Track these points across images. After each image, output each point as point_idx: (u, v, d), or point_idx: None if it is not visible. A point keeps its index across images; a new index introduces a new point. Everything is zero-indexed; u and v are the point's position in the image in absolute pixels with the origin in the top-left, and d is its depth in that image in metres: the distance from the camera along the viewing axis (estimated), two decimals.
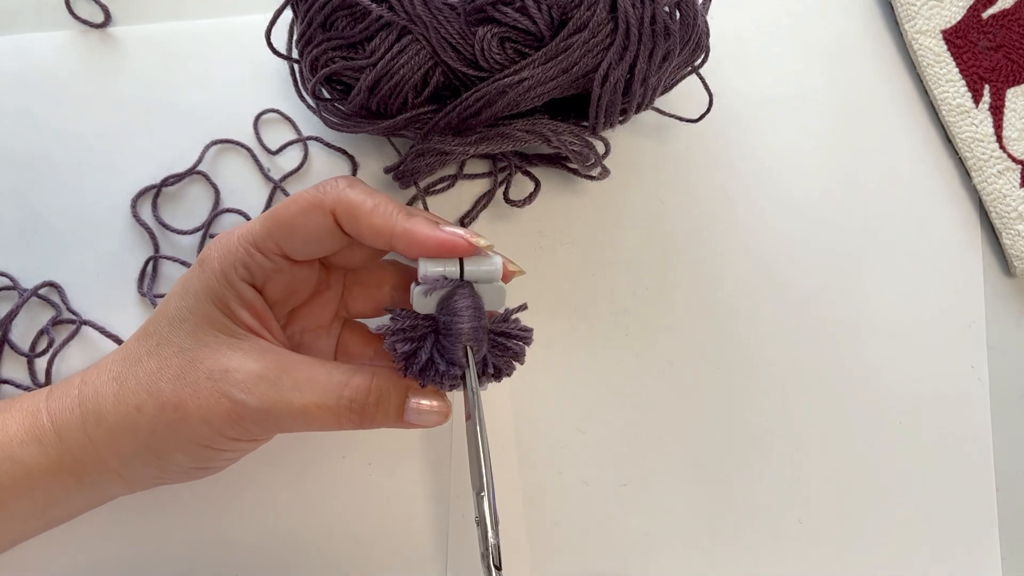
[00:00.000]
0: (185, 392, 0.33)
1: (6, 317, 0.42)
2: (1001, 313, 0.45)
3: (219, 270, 0.34)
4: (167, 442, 0.33)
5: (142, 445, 0.33)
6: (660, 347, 0.44)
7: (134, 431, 0.33)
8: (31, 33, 0.45)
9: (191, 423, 0.33)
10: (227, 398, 0.32)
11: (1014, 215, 0.45)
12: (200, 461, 0.35)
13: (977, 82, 0.46)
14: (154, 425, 0.33)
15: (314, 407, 0.33)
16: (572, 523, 0.42)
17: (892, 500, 0.44)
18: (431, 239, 0.32)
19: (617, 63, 0.38)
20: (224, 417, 0.32)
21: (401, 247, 0.33)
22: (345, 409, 0.33)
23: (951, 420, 0.44)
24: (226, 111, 0.45)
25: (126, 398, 0.33)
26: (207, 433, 0.33)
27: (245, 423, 0.33)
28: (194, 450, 0.34)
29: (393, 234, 0.33)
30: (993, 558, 0.43)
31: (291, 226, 0.33)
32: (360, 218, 0.33)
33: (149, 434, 0.33)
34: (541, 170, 0.45)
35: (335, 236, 0.34)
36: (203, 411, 0.32)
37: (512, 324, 0.35)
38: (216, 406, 0.32)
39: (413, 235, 0.32)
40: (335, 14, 0.38)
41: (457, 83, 0.38)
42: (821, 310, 0.45)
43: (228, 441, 0.34)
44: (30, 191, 0.44)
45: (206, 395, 0.32)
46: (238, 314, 0.34)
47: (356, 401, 0.33)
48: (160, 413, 0.33)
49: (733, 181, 0.46)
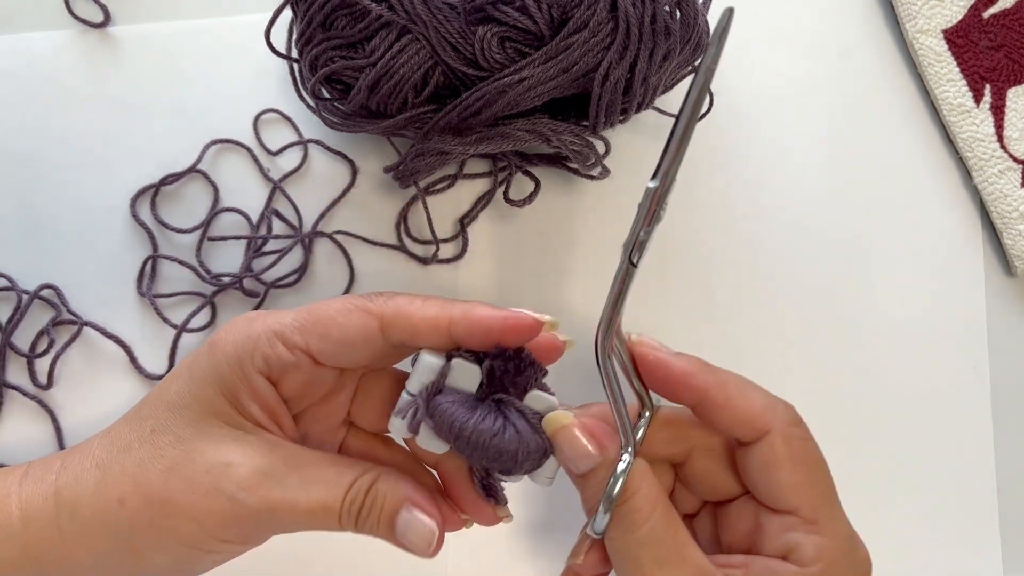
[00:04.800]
0: (177, 487, 0.30)
1: (9, 324, 0.42)
2: (1002, 313, 0.45)
3: (233, 356, 0.31)
4: (148, 541, 0.30)
5: (120, 544, 0.30)
6: None
7: (113, 527, 0.30)
8: (31, 33, 0.45)
9: (179, 521, 0.29)
10: (225, 496, 0.29)
11: (1015, 215, 0.45)
12: (182, 564, 0.31)
13: (978, 82, 0.46)
14: (135, 521, 0.30)
15: (320, 509, 0.30)
16: (572, 523, 0.42)
17: (892, 500, 0.43)
18: (494, 316, 0.30)
19: (617, 63, 0.38)
20: (218, 517, 0.29)
21: (463, 328, 0.30)
22: (346, 512, 0.30)
23: (951, 420, 0.44)
24: (225, 111, 0.45)
25: (108, 489, 0.30)
26: (196, 533, 0.30)
27: (243, 524, 0.30)
28: (178, 551, 0.30)
29: (452, 319, 0.30)
30: (993, 558, 0.43)
31: (329, 324, 0.31)
32: (413, 314, 0.30)
33: (129, 531, 0.30)
34: (541, 170, 0.45)
35: (373, 344, 0.31)
36: (195, 510, 0.29)
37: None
38: (211, 505, 0.29)
39: (472, 315, 0.30)
40: (335, 13, 0.38)
41: (457, 83, 0.38)
42: (822, 309, 0.45)
43: (218, 543, 0.30)
44: (29, 190, 0.44)
45: (201, 492, 0.29)
46: (247, 407, 0.31)
47: (355, 503, 0.30)
48: (145, 508, 0.30)
49: (733, 180, 0.46)
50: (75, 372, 0.42)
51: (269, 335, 0.31)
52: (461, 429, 0.29)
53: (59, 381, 0.42)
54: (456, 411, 0.30)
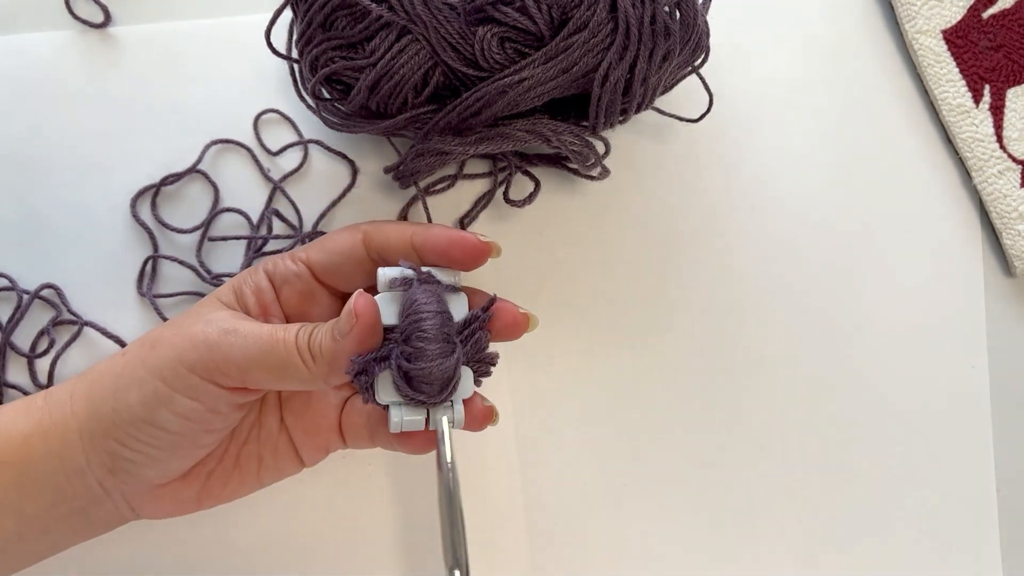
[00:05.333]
0: (169, 330, 0.35)
1: (9, 324, 0.42)
2: (1001, 313, 0.45)
3: (251, 267, 0.38)
4: (131, 377, 0.34)
5: (108, 387, 0.34)
6: (660, 347, 0.44)
7: (109, 372, 0.35)
8: (31, 33, 0.45)
9: (160, 350, 0.34)
10: (202, 320, 0.34)
11: (1014, 215, 0.45)
12: (150, 406, 0.33)
13: (977, 82, 0.46)
14: (127, 361, 0.35)
15: (281, 329, 0.34)
16: (572, 523, 0.42)
17: (892, 500, 0.44)
18: (444, 235, 0.36)
19: (617, 63, 0.38)
20: (189, 338, 0.34)
21: (418, 241, 0.36)
22: (302, 335, 0.33)
23: (951, 420, 0.44)
24: (226, 111, 0.45)
25: (118, 353, 0.36)
26: (169, 360, 0.33)
27: (210, 347, 0.33)
28: (149, 384, 0.33)
29: (414, 232, 0.36)
30: (993, 558, 0.43)
31: (325, 240, 0.38)
32: (385, 227, 0.37)
33: (119, 373, 0.35)
34: (541, 170, 0.45)
35: (358, 254, 0.37)
36: (175, 337, 0.34)
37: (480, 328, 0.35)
38: (188, 327, 0.34)
39: (430, 231, 0.36)
40: (335, 14, 0.38)
41: (457, 83, 0.38)
42: (821, 309, 0.45)
43: (184, 375, 0.33)
44: (29, 191, 0.44)
45: (185, 326, 0.34)
46: (246, 297, 0.37)
47: (306, 328, 0.34)
48: (139, 350, 0.35)
49: (733, 181, 0.46)
50: (75, 372, 0.42)
51: (283, 253, 0.39)
52: (420, 308, 0.33)
53: (59, 381, 0.42)
54: (431, 299, 0.33)
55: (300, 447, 0.38)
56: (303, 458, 0.39)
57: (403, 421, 0.33)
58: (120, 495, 0.36)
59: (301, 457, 0.39)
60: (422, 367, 0.32)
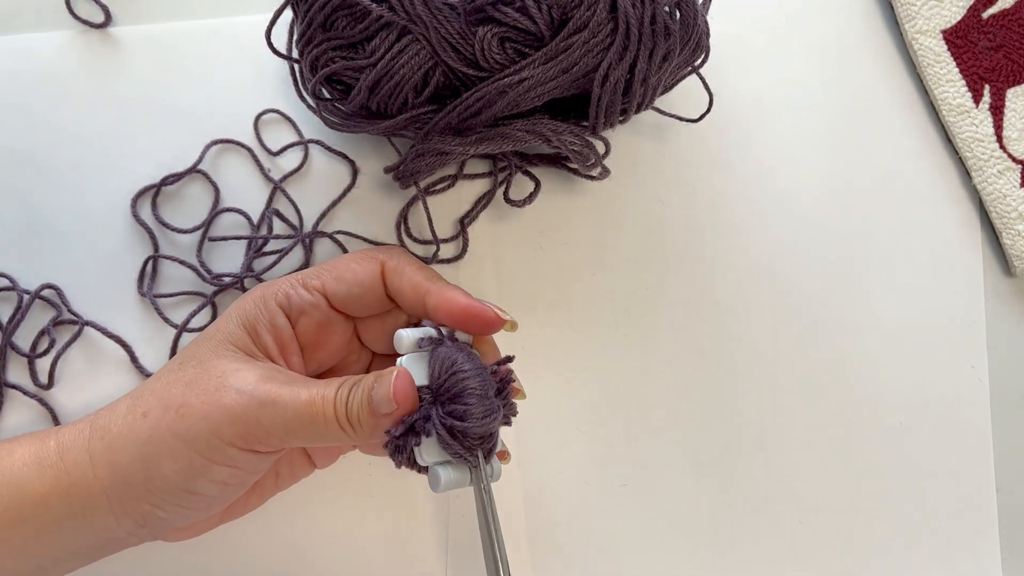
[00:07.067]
0: (192, 394, 0.33)
1: (9, 324, 0.42)
2: (1001, 313, 0.45)
3: (258, 295, 0.36)
4: (161, 446, 0.33)
5: (136, 453, 0.33)
6: (660, 347, 0.44)
7: (133, 437, 0.33)
8: (31, 33, 0.45)
9: (191, 421, 0.32)
10: (233, 389, 0.33)
11: (1014, 215, 0.45)
12: (186, 474, 0.33)
13: (977, 82, 0.46)
14: (154, 428, 0.33)
15: (319, 397, 0.32)
16: (572, 523, 0.42)
17: (892, 500, 0.44)
18: (461, 306, 0.35)
19: (617, 63, 0.38)
20: (224, 411, 0.32)
21: (432, 303, 0.35)
22: (339, 400, 0.33)
23: (951, 420, 0.44)
24: (226, 111, 0.45)
25: (136, 407, 0.34)
26: (203, 433, 0.32)
27: (247, 419, 0.32)
28: (185, 457, 0.32)
29: (428, 291, 0.35)
30: (993, 558, 0.43)
31: (343, 269, 0.37)
32: (404, 272, 0.36)
33: (147, 439, 0.33)
34: (541, 170, 0.45)
35: (376, 289, 0.37)
36: (206, 408, 0.32)
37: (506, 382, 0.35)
38: (219, 398, 0.32)
39: (445, 295, 0.35)
40: (335, 14, 0.38)
41: (457, 83, 0.38)
42: (821, 310, 0.45)
43: (222, 447, 0.32)
44: (29, 191, 0.44)
45: (212, 391, 0.33)
46: (262, 337, 0.36)
47: (345, 387, 0.33)
48: (163, 416, 0.33)
49: (733, 181, 0.46)
50: (76, 372, 0.42)
51: (292, 280, 0.37)
52: (462, 367, 0.32)
53: (60, 381, 0.42)
54: (468, 358, 0.33)
55: (314, 454, 0.39)
56: (317, 463, 0.40)
57: (450, 480, 0.33)
58: (148, 536, 0.36)
59: (315, 462, 0.39)
60: (472, 425, 0.31)
